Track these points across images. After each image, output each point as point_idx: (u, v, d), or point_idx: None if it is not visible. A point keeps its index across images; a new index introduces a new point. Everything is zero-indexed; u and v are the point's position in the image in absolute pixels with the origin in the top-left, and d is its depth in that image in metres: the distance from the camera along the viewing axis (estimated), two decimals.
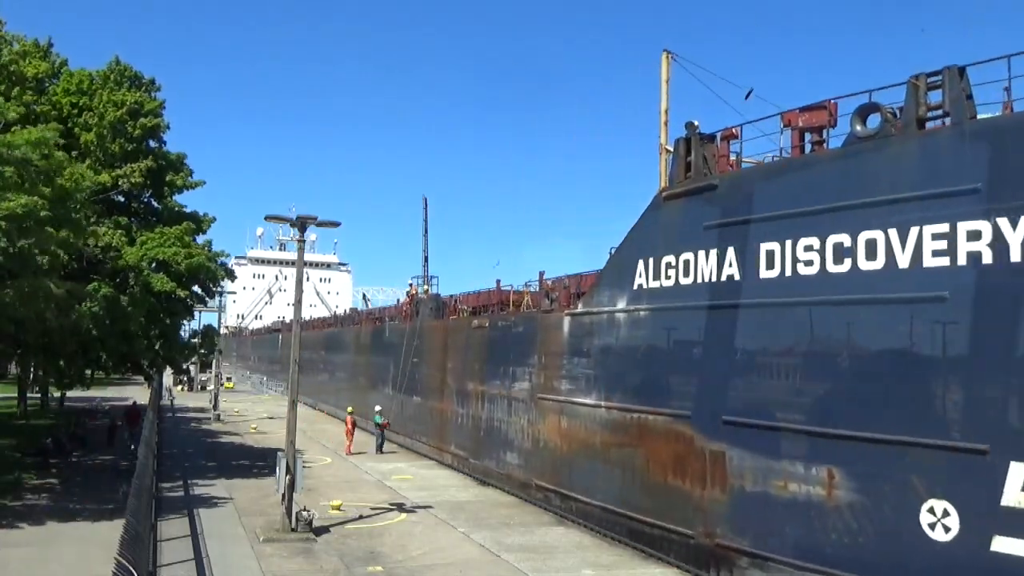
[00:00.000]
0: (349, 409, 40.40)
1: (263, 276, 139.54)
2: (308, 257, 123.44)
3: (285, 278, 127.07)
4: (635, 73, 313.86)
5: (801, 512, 15.66)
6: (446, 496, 27.58)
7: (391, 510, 24.83)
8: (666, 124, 22.35)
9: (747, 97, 20.79)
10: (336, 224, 23.68)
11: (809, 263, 15.74)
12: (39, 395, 50.37)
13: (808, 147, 17.10)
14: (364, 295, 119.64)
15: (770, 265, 16.62)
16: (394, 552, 19.77)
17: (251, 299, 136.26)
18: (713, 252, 18.15)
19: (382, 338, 46.26)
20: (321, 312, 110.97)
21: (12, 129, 21.09)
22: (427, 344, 37.77)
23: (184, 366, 48.85)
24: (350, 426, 38.14)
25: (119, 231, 27.18)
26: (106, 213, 28.10)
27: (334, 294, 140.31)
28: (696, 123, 19.50)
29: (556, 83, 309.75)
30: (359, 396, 47.48)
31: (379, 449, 37.72)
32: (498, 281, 33.90)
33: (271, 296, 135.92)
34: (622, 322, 21.73)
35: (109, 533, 17.48)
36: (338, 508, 24.20)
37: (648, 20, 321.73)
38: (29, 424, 41.24)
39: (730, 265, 17.66)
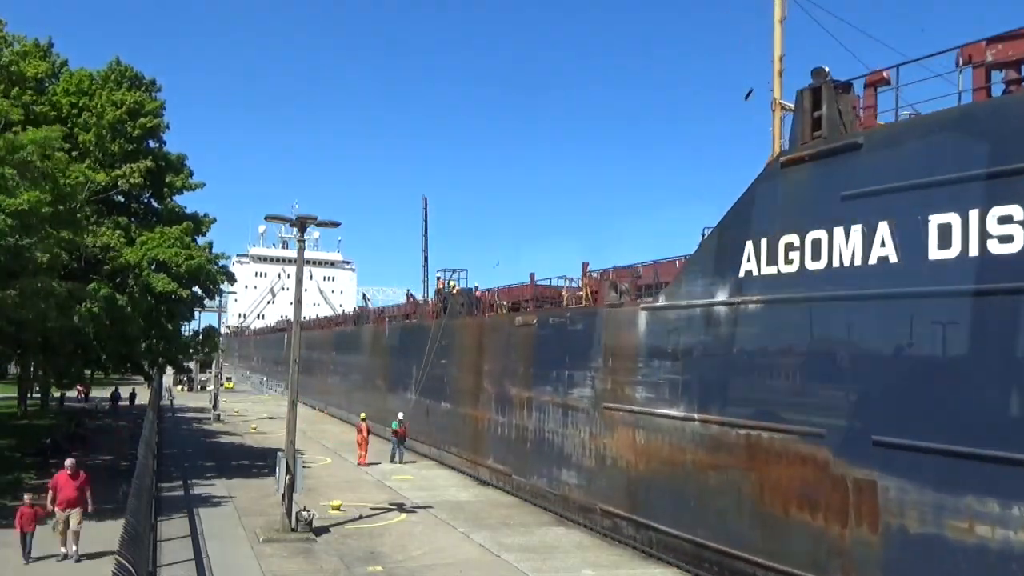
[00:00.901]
0: (363, 415, 36.80)
1: (265, 274, 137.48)
2: (311, 255, 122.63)
3: (288, 276, 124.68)
4: (635, 73, 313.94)
5: (994, 564, 12.19)
6: (446, 496, 27.57)
7: (391, 510, 24.83)
8: (780, 74, 18.42)
9: (747, 97, 19.46)
10: (336, 224, 23.72)
11: (1008, 239, 12.20)
12: (39, 395, 50.40)
13: (998, 89, 13.59)
14: (364, 295, 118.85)
15: (945, 243, 13.01)
16: (394, 552, 19.77)
17: (253, 298, 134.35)
18: (857, 229, 14.52)
19: (402, 337, 42.71)
20: (325, 311, 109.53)
21: (13, 129, 21.08)
22: (458, 343, 33.92)
23: (185, 366, 48.83)
24: (364, 434, 34.29)
25: (118, 231, 27.18)
26: (106, 213, 28.11)
27: (338, 293, 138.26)
28: (827, 69, 16.03)
29: (556, 83, 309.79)
30: (375, 400, 44.55)
31: (395, 459, 34.23)
32: (532, 275, 30.64)
33: (273, 295, 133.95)
34: (722, 318, 17.78)
35: (109, 533, 17.47)
36: (338, 508, 24.20)
37: (649, 20, 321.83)
38: (29, 424, 41.25)
39: (882, 244, 14.08)
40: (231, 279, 34.15)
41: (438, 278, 38.99)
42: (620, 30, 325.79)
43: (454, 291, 35.95)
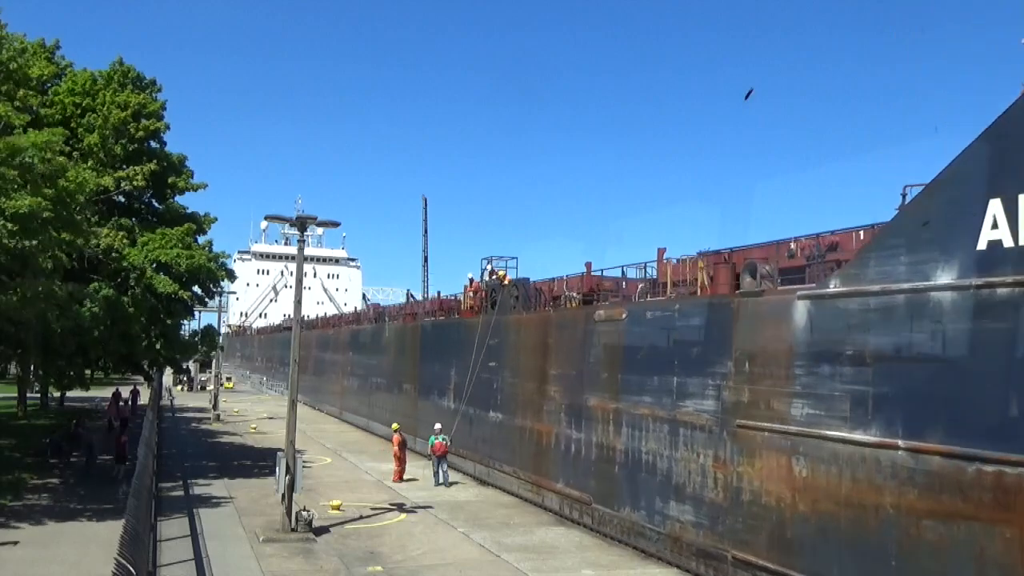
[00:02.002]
0: (395, 426, 31.97)
1: (267, 272, 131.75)
2: (314, 252, 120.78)
3: (291, 274, 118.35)
4: (635, 72, 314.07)
5: None
6: (446, 496, 27.59)
7: (391, 510, 24.85)
8: None
9: (747, 97, 20.02)
10: (335, 224, 23.75)
11: None
12: (39, 395, 50.40)
13: None
14: (364, 295, 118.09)
15: None
16: (394, 552, 19.80)
17: (255, 296, 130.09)
18: None
19: (436, 336, 37.65)
20: (329, 310, 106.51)
21: (15, 131, 21.12)
22: (512, 343, 28.80)
23: (184, 366, 48.74)
24: (397, 448, 30.43)
25: (121, 232, 27.23)
26: (107, 214, 28.16)
27: (342, 291, 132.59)
28: None
29: (556, 83, 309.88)
30: (402, 406, 40.13)
31: (439, 480, 29.19)
32: (589, 264, 26.65)
33: (276, 293, 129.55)
34: (947, 307, 13.20)
35: (109, 533, 17.53)
36: (338, 508, 24.23)
37: (647, 20, 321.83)
38: (29, 424, 41.27)
39: None
40: (231, 276, 34.18)
41: (486, 266, 32.65)
42: (620, 30, 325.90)
43: (505, 282, 30.24)
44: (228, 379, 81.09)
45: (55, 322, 22.38)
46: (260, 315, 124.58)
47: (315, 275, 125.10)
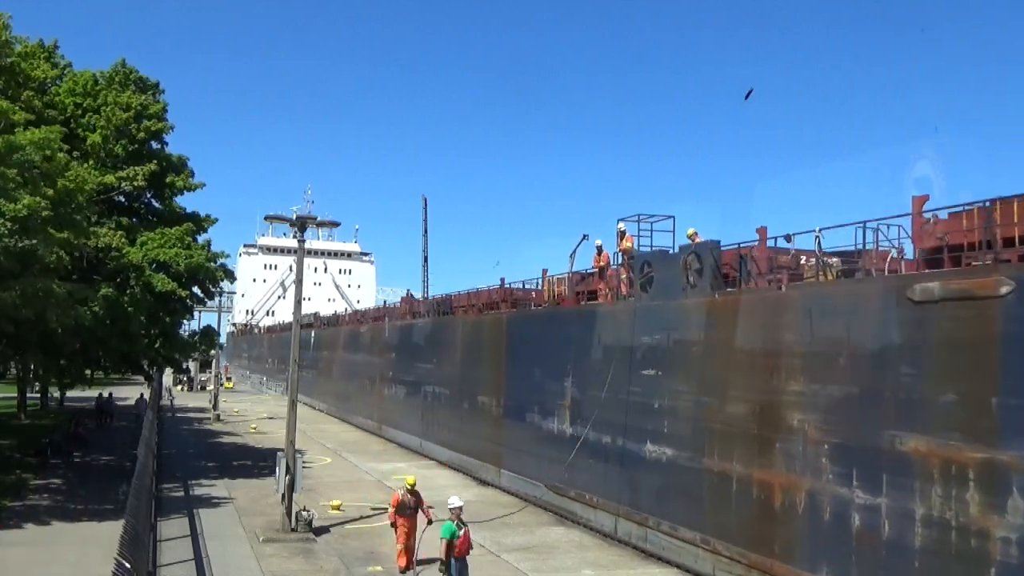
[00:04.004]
0: (409, 480, 19.23)
1: (275, 266, 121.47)
2: (325, 246, 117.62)
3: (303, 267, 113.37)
4: (634, 72, 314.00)
5: None
6: (446, 496, 27.45)
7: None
8: None
9: (747, 97, 19.64)
10: (335, 224, 23.91)
11: None
12: (39, 395, 50.43)
13: None
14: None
15: None
16: (394, 552, 19.77)
17: (262, 292, 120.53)
18: None
19: (543, 333, 27.17)
20: (332, 309, 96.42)
21: (16, 130, 21.15)
22: (695, 340, 19.13)
23: (184, 365, 48.66)
24: (399, 517, 18.45)
25: (120, 232, 27.28)
26: (107, 213, 28.20)
27: (355, 287, 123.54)
28: None
29: (555, 83, 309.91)
30: (478, 428, 31.04)
31: None
32: (762, 229, 18.13)
33: (284, 289, 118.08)
34: None
35: (109, 533, 17.52)
36: (338, 508, 24.23)
37: (647, 20, 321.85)
38: (29, 424, 41.30)
39: None
40: (231, 277, 34.20)
41: (621, 228, 23.07)
42: (619, 30, 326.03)
43: (695, 239, 19.78)
44: (228, 379, 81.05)
45: (54, 321, 22.37)
46: (267, 313, 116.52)
47: (326, 270, 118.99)
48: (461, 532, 16.08)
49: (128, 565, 11.66)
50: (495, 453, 29.04)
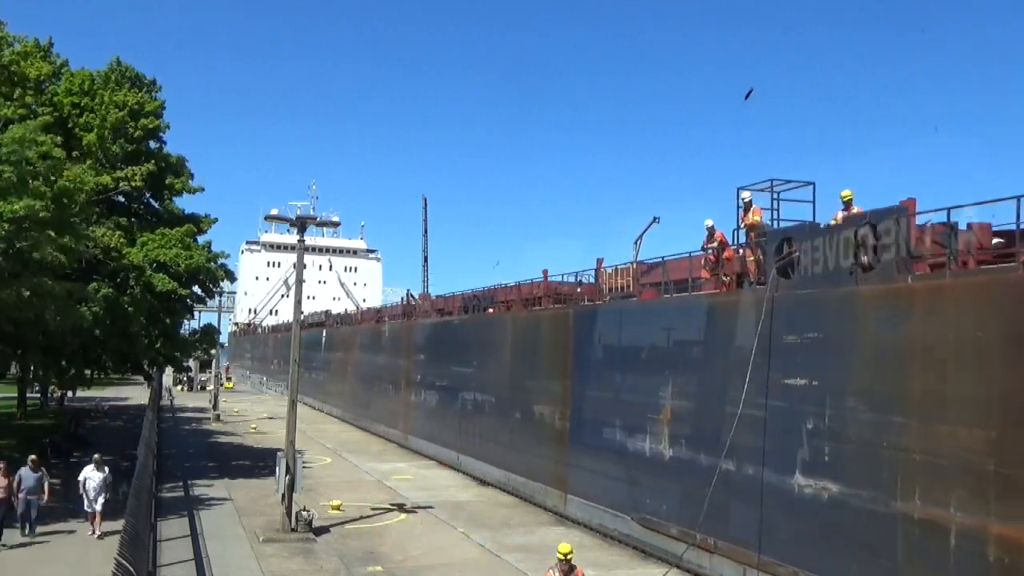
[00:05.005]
0: (563, 548, 12.64)
1: (278, 264, 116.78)
2: (330, 242, 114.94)
3: (304, 267, 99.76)
4: (635, 72, 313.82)
5: None
6: (446, 496, 27.57)
7: (391, 510, 24.83)
8: None
9: (747, 97, 18.91)
10: (336, 224, 24.04)
11: None
12: (38, 395, 50.39)
13: None
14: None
15: None
16: (394, 552, 19.78)
17: (265, 290, 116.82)
18: None
19: (636, 331, 21.64)
20: (338, 307, 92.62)
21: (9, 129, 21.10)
22: (883, 340, 14.43)
23: (184, 365, 48.48)
24: None
25: (119, 232, 27.25)
26: (106, 214, 28.17)
27: (361, 285, 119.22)
28: None
29: (556, 83, 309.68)
30: (534, 444, 26.32)
31: None
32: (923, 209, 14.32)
33: (288, 288, 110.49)
34: None
35: (108, 533, 17.50)
36: (338, 508, 24.22)
37: (647, 20, 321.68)
38: (29, 424, 41.26)
39: None
40: (231, 277, 34.19)
41: (746, 202, 18.56)
42: (620, 30, 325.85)
43: (850, 209, 15.97)
44: (228, 379, 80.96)
45: (54, 321, 22.33)
46: (271, 312, 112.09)
47: (331, 268, 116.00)
48: None
49: (128, 565, 11.64)
50: (559, 475, 24.44)
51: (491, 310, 32.61)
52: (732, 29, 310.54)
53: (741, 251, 18.86)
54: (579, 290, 27.43)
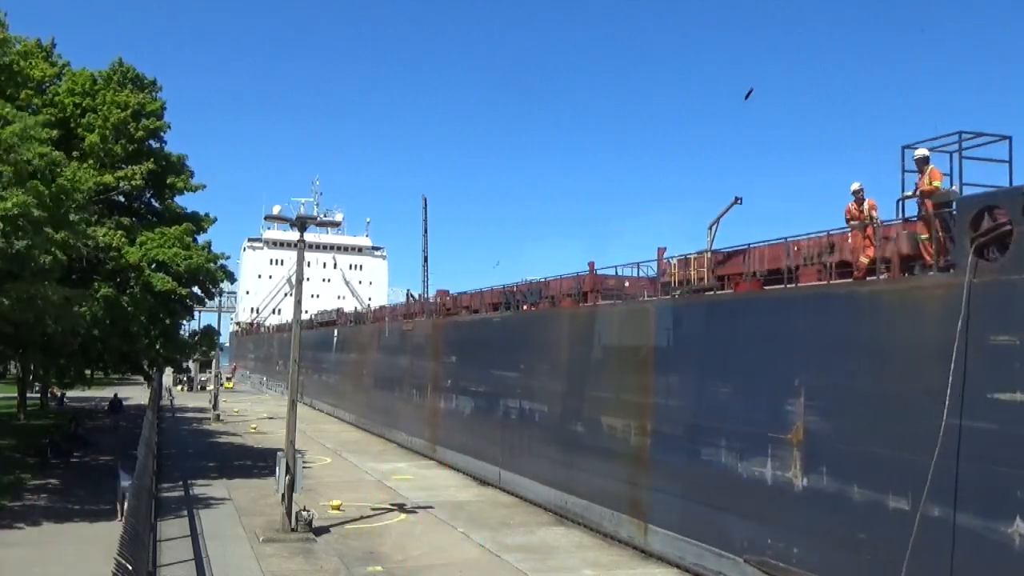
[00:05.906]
0: None
1: (281, 262, 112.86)
2: (335, 240, 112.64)
3: (308, 264, 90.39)
4: (635, 72, 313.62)
5: None
6: (446, 496, 27.56)
7: (391, 510, 24.82)
8: None
9: (747, 97, 18.76)
10: (336, 224, 24.15)
11: None
12: (38, 395, 50.40)
13: None
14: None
15: None
16: (394, 552, 19.78)
17: (268, 289, 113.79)
18: None
19: (736, 327, 18.10)
20: (350, 305, 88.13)
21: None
22: None
23: (184, 365, 48.47)
24: None
25: (119, 231, 27.25)
26: (107, 213, 28.18)
27: (366, 284, 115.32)
28: None
29: (556, 83, 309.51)
30: (595, 462, 22.72)
31: None
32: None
33: (291, 286, 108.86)
34: None
35: (109, 533, 17.50)
36: (338, 508, 24.21)
37: (647, 20, 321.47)
38: (29, 424, 41.27)
39: None
40: (231, 278, 34.18)
41: (923, 159, 14.31)
42: (620, 30, 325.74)
43: None
44: (228, 379, 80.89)
45: (52, 325, 22.33)
46: (274, 311, 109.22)
47: (335, 266, 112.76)
48: None
49: (128, 565, 11.63)
50: (636, 501, 20.68)
51: (525, 307, 29.38)
52: (732, 29, 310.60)
53: (894, 230, 14.87)
54: (627, 284, 24.39)
